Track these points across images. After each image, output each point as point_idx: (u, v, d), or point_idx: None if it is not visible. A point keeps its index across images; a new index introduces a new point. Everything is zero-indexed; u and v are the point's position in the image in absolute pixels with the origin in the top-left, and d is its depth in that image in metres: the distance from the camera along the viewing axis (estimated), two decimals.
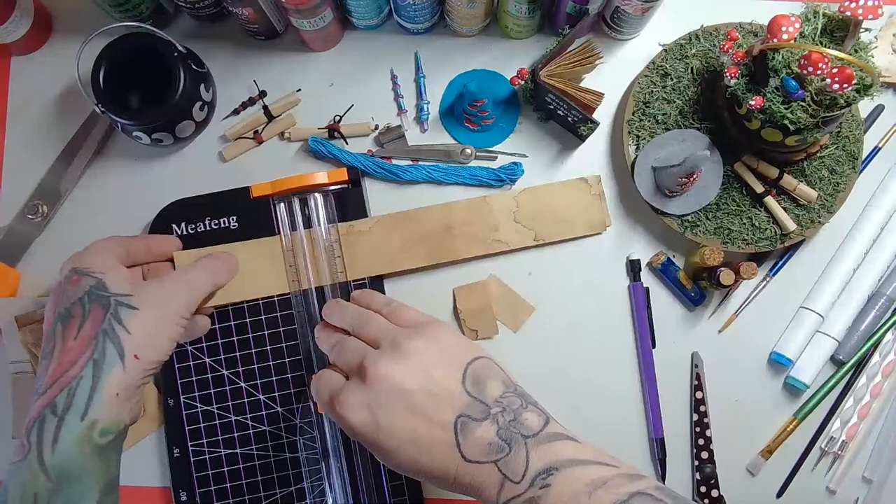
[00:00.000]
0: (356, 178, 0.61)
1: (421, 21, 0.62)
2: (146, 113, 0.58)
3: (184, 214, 0.61)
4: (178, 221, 0.61)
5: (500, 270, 0.62)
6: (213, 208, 0.61)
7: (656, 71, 0.61)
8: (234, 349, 0.60)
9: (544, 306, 0.62)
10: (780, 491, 0.61)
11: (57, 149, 0.63)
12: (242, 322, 0.60)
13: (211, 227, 0.61)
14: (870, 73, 0.49)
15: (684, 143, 0.59)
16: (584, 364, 0.61)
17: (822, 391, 0.61)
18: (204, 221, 0.61)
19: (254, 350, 0.60)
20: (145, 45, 0.57)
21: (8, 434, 0.60)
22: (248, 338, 0.60)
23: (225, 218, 0.61)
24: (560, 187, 0.61)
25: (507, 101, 0.63)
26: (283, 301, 0.60)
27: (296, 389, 0.59)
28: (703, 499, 0.60)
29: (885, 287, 0.61)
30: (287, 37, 0.65)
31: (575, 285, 0.62)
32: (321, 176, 0.60)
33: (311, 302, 0.60)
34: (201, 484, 0.58)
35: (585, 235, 0.61)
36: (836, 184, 0.60)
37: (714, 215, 0.60)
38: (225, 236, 0.60)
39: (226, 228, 0.61)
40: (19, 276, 0.62)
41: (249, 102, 0.64)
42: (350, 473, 0.58)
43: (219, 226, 0.61)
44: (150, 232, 0.61)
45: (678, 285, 0.61)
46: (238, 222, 0.61)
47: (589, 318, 0.62)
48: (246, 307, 0.60)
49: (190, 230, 0.60)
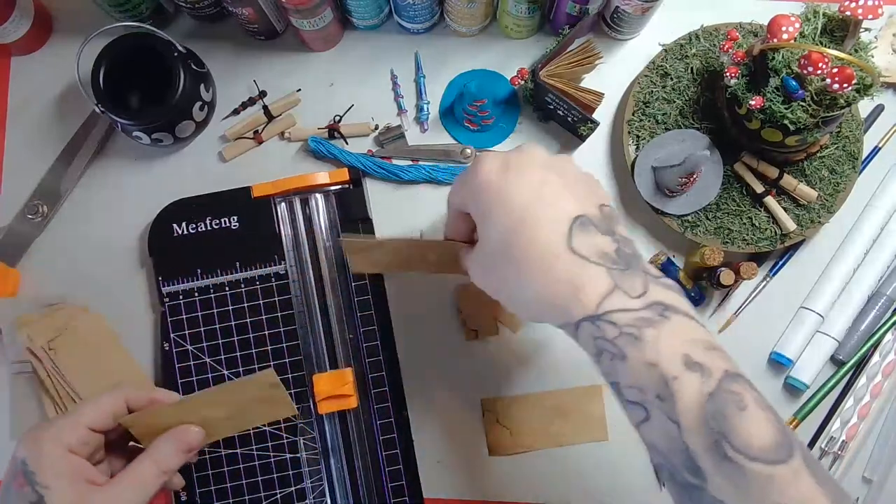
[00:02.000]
0: (357, 178, 0.61)
1: (421, 21, 0.62)
2: (146, 113, 0.58)
3: (184, 214, 0.61)
4: (179, 221, 0.61)
5: None
6: (213, 208, 0.61)
7: (656, 71, 0.61)
8: (235, 349, 0.60)
9: None
10: None
11: (57, 149, 0.63)
12: (243, 322, 0.60)
13: (212, 227, 0.61)
14: (870, 73, 0.49)
15: (684, 143, 0.59)
16: (585, 364, 0.61)
17: (822, 391, 0.61)
18: (205, 221, 0.61)
19: (254, 350, 0.60)
20: (145, 45, 0.57)
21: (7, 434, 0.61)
22: (249, 338, 0.60)
23: (226, 218, 0.61)
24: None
25: (507, 101, 0.63)
26: (284, 301, 0.60)
27: (296, 390, 0.59)
28: None
29: (885, 287, 0.61)
30: (287, 37, 0.65)
31: None
32: (322, 176, 0.61)
33: (311, 302, 0.60)
34: (201, 484, 0.58)
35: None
36: (836, 184, 0.60)
37: (714, 215, 0.60)
38: (225, 236, 0.60)
39: (226, 228, 0.61)
40: (19, 276, 0.62)
41: (249, 102, 0.64)
42: (350, 474, 0.58)
43: (219, 225, 0.61)
44: (151, 231, 0.61)
45: (678, 285, 0.61)
46: (239, 222, 0.61)
47: None
48: (246, 308, 0.60)
49: (191, 230, 0.61)
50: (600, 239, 0.39)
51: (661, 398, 0.35)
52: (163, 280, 0.60)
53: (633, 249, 0.40)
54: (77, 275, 0.62)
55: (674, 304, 0.37)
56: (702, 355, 0.35)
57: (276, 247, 0.61)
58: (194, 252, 0.60)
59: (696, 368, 0.34)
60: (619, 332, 0.36)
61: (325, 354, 0.60)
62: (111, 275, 0.62)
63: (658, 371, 0.35)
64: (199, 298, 0.60)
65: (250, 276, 0.60)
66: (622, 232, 0.40)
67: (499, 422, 0.60)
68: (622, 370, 0.36)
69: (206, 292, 0.60)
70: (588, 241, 0.38)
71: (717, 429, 0.33)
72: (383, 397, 0.59)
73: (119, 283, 0.62)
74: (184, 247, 0.60)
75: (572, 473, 0.60)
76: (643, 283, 0.37)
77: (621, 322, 0.36)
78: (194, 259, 0.60)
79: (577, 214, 0.39)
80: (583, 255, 0.38)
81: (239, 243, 0.61)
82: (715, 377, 0.34)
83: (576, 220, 0.39)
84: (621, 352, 0.36)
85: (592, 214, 0.40)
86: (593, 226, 0.39)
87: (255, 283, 0.60)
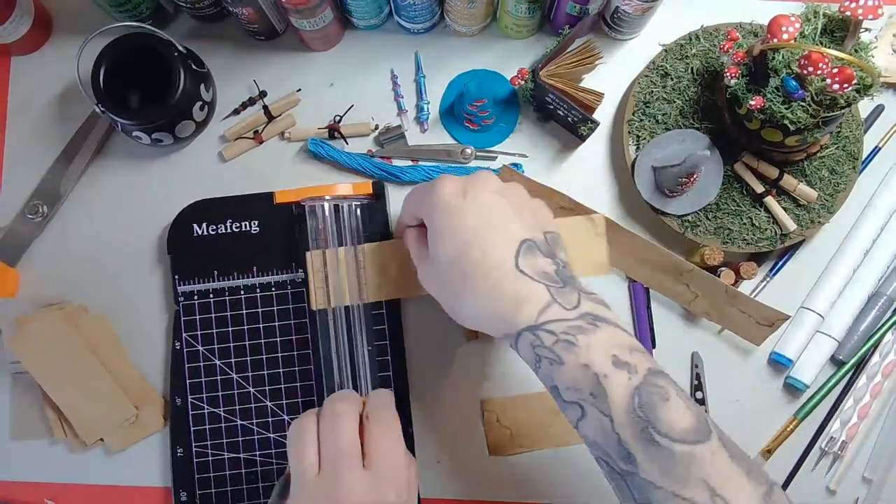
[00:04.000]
0: (380, 191, 0.61)
1: (421, 21, 0.62)
2: (146, 113, 0.58)
3: (205, 215, 0.60)
4: (200, 221, 0.60)
5: None
6: (235, 211, 0.61)
7: (656, 71, 0.61)
8: (246, 353, 0.60)
9: None
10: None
11: (57, 149, 0.63)
12: (256, 327, 0.60)
13: (232, 230, 0.60)
14: (870, 73, 0.49)
15: (684, 143, 0.59)
16: None
17: (822, 391, 0.61)
18: (225, 223, 0.60)
19: (265, 356, 0.60)
20: (145, 44, 0.57)
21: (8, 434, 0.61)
22: (261, 343, 0.60)
23: (247, 221, 0.61)
24: (563, 223, 0.58)
25: (507, 101, 0.63)
26: (298, 309, 0.60)
27: (303, 399, 0.59)
28: None
29: (886, 287, 0.61)
30: (287, 37, 0.65)
31: None
32: (345, 188, 0.60)
33: (327, 311, 0.59)
34: (202, 485, 0.58)
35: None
36: (837, 184, 0.60)
37: (714, 215, 0.60)
38: (245, 240, 0.60)
39: (246, 232, 0.60)
40: (19, 276, 0.62)
41: (249, 102, 0.64)
42: None
43: (240, 229, 0.60)
44: (171, 230, 0.60)
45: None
46: (259, 227, 0.60)
47: None
48: (260, 313, 0.60)
49: (210, 231, 0.60)
50: (543, 261, 0.44)
51: (594, 395, 0.39)
52: (179, 279, 0.60)
53: (571, 272, 0.45)
54: (78, 275, 0.62)
55: (603, 315, 0.42)
56: (628, 356, 0.40)
57: (295, 254, 0.60)
58: (212, 253, 0.60)
59: (624, 367, 0.39)
60: (556, 339, 0.40)
61: (336, 366, 0.59)
62: (112, 274, 0.62)
63: (591, 371, 0.39)
64: (214, 300, 0.60)
65: (266, 281, 0.60)
66: (562, 257, 0.46)
67: (499, 422, 0.60)
68: (559, 373, 0.40)
69: (221, 294, 0.60)
70: (532, 262, 0.43)
71: (645, 417, 0.38)
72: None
73: (120, 282, 0.62)
74: (202, 247, 0.60)
75: (572, 473, 0.60)
76: (577, 298, 0.42)
77: (558, 330, 0.40)
78: (212, 260, 0.60)
79: (524, 238, 0.44)
80: (527, 273, 0.43)
81: (258, 248, 0.60)
82: (640, 373, 0.39)
83: (523, 243, 0.44)
84: (558, 357, 0.40)
85: (538, 239, 0.45)
86: (538, 249, 0.44)
87: (271, 288, 0.60)
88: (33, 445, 0.61)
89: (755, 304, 0.59)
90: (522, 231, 0.44)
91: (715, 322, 0.60)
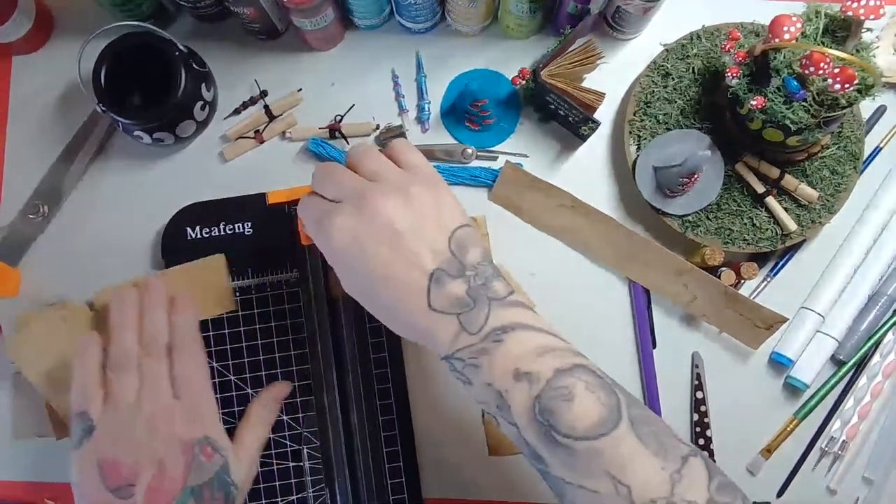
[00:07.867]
0: None
1: (422, 20, 0.62)
2: (147, 112, 0.58)
3: (199, 217, 0.61)
4: (193, 224, 0.61)
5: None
6: (228, 213, 0.61)
7: (658, 71, 0.61)
8: (243, 355, 0.60)
9: (545, 307, 0.62)
10: (781, 491, 0.61)
11: (58, 148, 0.63)
12: (252, 328, 0.60)
13: (225, 232, 0.60)
14: (871, 74, 0.49)
15: (685, 143, 0.59)
16: None
17: (822, 391, 0.61)
18: (219, 226, 0.61)
19: (262, 357, 0.60)
20: (146, 44, 0.57)
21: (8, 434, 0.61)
22: (258, 344, 0.60)
23: (240, 223, 0.61)
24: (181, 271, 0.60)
25: (508, 100, 0.63)
26: (294, 309, 0.60)
27: (301, 399, 0.59)
28: None
29: (886, 287, 0.61)
30: (288, 36, 0.65)
31: (576, 286, 0.62)
32: None
33: (322, 311, 0.59)
34: None
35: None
36: (838, 184, 0.60)
37: (715, 215, 0.60)
38: (239, 241, 0.60)
39: (240, 234, 0.61)
40: (20, 275, 0.62)
41: (250, 102, 0.64)
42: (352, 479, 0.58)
43: (233, 230, 0.61)
44: (165, 233, 0.61)
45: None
46: (253, 228, 0.61)
47: (589, 318, 0.62)
48: (256, 314, 0.60)
49: (204, 233, 0.60)
50: (453, 285, 0.43)
51: (499, 408, 0.42)
52: None
53: (483, 277, 0.44)
54: (78, 274, 0.62)
55: (513, 321, 0.43)
56: (532, 363, 0.41)
57: (289, 255, 0.60)
58: (207, 256, 0.60)
59: (524, 378, 0.41)
60: (464, 364, 0.43)
61: (332, 362, 0.59)
62: (113, 274, 0.62)
63: (493, 388, 0.42)
64: None
65: (261, 282, 0.60)
66: (474, 257, 0.44)
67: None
68: (473, 392, 0.43)
69: None
70: (444, 293, 0.43)
71: (546, 422, 0.40)
72: (389, 409, 0.59)
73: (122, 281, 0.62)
74: (197, 250, 0.60)
75: None
76: (486, 315, 0.43)
77: (465, 356, 0.42)
78: None
79: (432, 270, 0.43)
80: (438, 310, 0.43)
81: (252, 249, 0.60)
82: (543, 380, 0.41)
83: (431, 276, 0.43)
84: (468, 379, 0.43)
85: (445, 259, 0.43)
86: (447, 275, 0.43)
87: (266, 289, 0.60)
88: (34, 445, 0.61)
89: (754, 305, 0.59)
90: (429, 260, 0.43)
91: (713, 325, 0.60)
